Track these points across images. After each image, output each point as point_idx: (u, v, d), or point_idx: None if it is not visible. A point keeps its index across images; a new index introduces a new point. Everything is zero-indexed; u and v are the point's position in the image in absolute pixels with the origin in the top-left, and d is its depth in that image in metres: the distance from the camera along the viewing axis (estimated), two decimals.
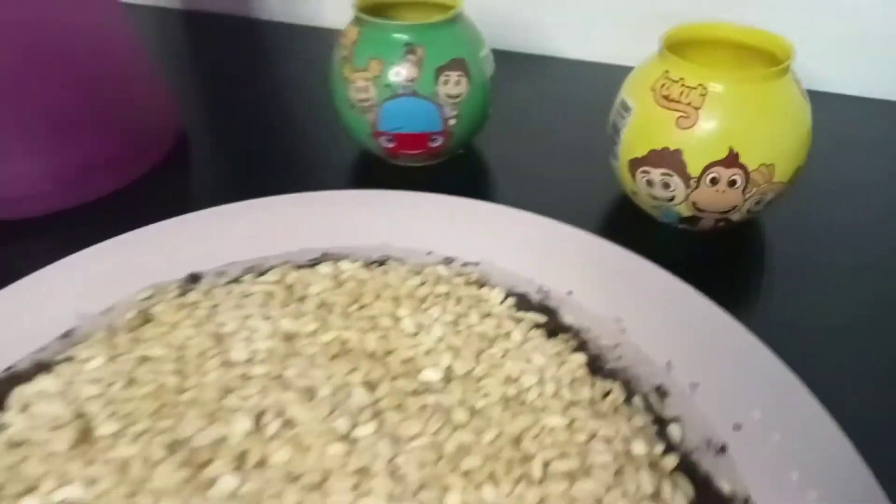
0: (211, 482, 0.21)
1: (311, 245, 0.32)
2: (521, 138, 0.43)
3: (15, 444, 0.23)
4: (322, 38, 0.57)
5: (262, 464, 0.22)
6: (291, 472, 0.22)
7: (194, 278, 0.30)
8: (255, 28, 0.61)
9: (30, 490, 0.22)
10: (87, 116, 0.37)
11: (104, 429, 0.23)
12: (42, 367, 0.27)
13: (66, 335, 0.28)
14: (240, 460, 0.22)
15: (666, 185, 0.32)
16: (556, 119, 0.45)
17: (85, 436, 0.23)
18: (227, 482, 0.21)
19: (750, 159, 0.30)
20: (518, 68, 0.52)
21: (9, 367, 0.27)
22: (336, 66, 0.37)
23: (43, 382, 0.25)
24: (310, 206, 0.33)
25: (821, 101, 0.36)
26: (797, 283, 0.32)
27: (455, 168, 0.40)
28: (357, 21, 0.36)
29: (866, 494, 0.21)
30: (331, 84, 0.38)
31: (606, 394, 0.25)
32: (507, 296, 0.29)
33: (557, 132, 0.44)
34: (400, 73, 0.35)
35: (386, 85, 0.35)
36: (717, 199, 0.32)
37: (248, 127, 0.45)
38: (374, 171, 0.40)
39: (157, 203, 0.38)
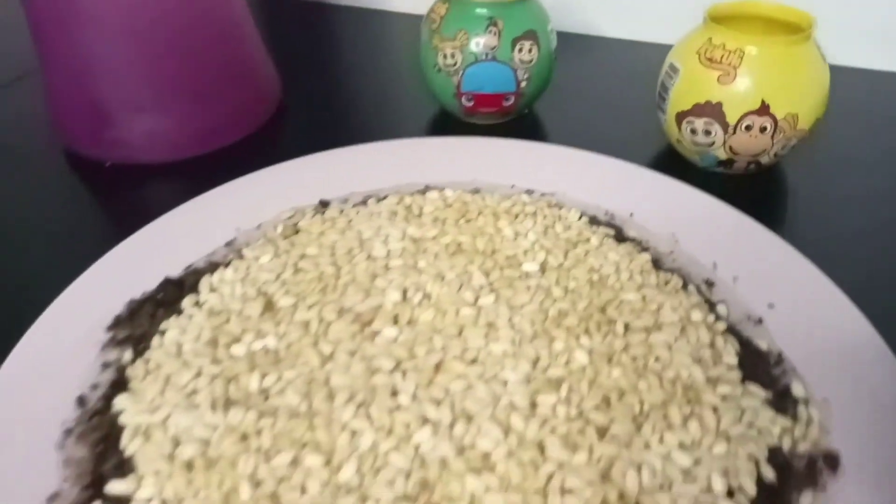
0: (375, 334, 0.28)
1: (415, 180, 0.39)
2: (576, 103, 0.50)
3: (215, 313, 0.30)
4: (385, 21, 0.65)
5: (412, 322, 0.29)
6: (435, 327, 0.29)
7: (324, 204, 0.37)
8: (329, 12, 0.68)
9: (235, 341, 0.29)
10: (215, 83, 0.44)
11: (283, 301, 0.30)
12: (216, 265, 0.34)
13: (229, 244, 0.35)
14: (395, 320, 0.29)
15: (707, 133, 0.39)
16: (604, 88, 0.52)
17: (269, 307, 0.30)
18: (389, 332, 0.28)
19: (778, 109, 0.37)
20: (569, 46, 0.58)
21: (188, 266, 0.34)
22: (425, 36, 0.44)
23: (224, 273, 0.32)
24: (410, 149, 0.40)
25: (839, 73, 0.43)
26: (817, 212, 0.39)
27: (521, 126, 0.47)
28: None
29: (875, 353, 0.27)
30: (420, 52, 0.45)
31: (667, 282, 0.31)
32: (581, 215, 0.35)
33: (606, 98, 0.51)
34: (482, 42, 0.42)
35: (470, 52, 0.42)
36: (750, 143, 0.38)
37: (335, 93, 0.52)
38: (451, 129, 0.47)
39: (266, 153, 0.44)
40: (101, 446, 0.26)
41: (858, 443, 0.25)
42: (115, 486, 0.24)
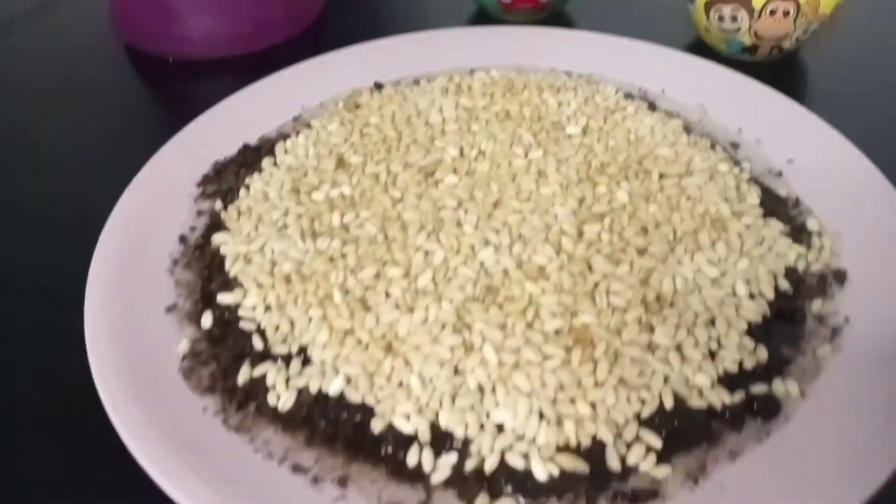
0: (438, 182, 0.32)
1: (460, 65, 0.42)
2: (604, 3, 0.52)
3: (293, 169, 0.34)
4: None
5: (470, 173, 0.33)
6: (491, 175, 0.32)
7: (378, 86, 0.41)
8: None
9: (314, 189, 0.33)
10: None
11: (353, 159, 0.34)
12: (286, 135, 0.37)
13: (296, 119, 0.39)
14: (454, 171, 0.33)
15: (734, 19, 0.42)
16: None
17: (340, 163, 0.34)
18: (450, 180, 0.32)
19: None
20: None
21: (260, 136, 0.38)
22: None
23: (297, 139, 0.36)
24: (455, 37, 0.44)
25: None
26: (835, 89, 0.42)
27: (556, 23, 0.50)
28: None
29: (881, 191, 0.31)
30: None
31: (696, 142, 0.35)
32: (617, 90, 0.39)
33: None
34: None
35: None
36: (774, 27, 0.41)
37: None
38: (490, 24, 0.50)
39: (315, 49, 0.47)
40: (206, 271, 0.30)
41: (864, 263, 0.29)
42: (224, 298, 0.28)
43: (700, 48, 0.46)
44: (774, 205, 0.32)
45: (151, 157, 0.35)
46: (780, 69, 0.45)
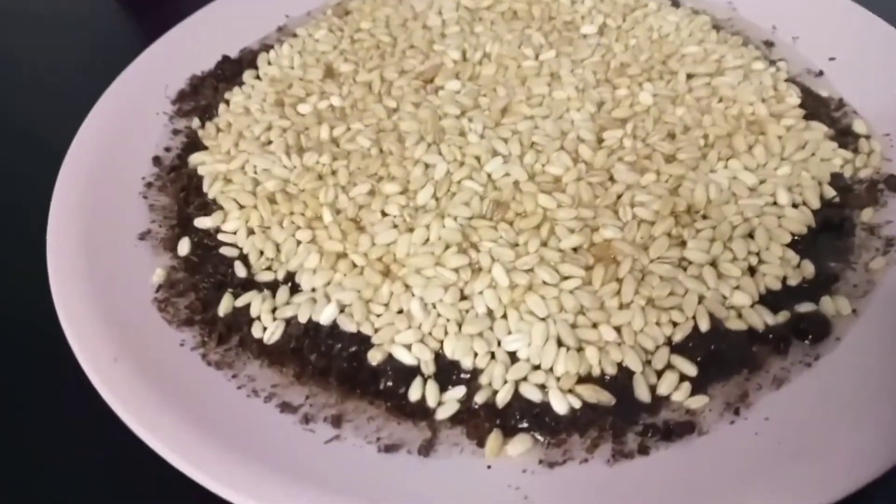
0: (438, 89, 0.29)
1: None
2: None
3: (277, 80, 0.31)
4: None
5: (474, 77, 0.29)
6: (498, 79, 0.29)
7: None
8: None
9: (300, 101, 0.29)
10: None
11: (343, 67, 0.30)
12: (270, 46, 0.34)
13: (281, 29, 0.35)
14: (457, 76, 0.29)
15: None
16: None
17: (329, 73, 0.31)
18: (452, 85, 0.29)
19: None
20: None
21: (243, 48, 0.34)
22: None
23: (281, 49, 0.32)
24: None
25: None
26: None
27: None
28: None
29: None
30: None
31: (727, 40, 0.31)
32: None
33: None
34: None
35: None
36: None
37: None
38: None
39: None
40: (183, 193, 0.27)
41: None
42: (202, 221, 0.25)
43: None
44: (816, 106, 0.28)
45: (122, 72, 0.31)
46: None
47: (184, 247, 0.25)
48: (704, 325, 0.21)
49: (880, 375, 0.20)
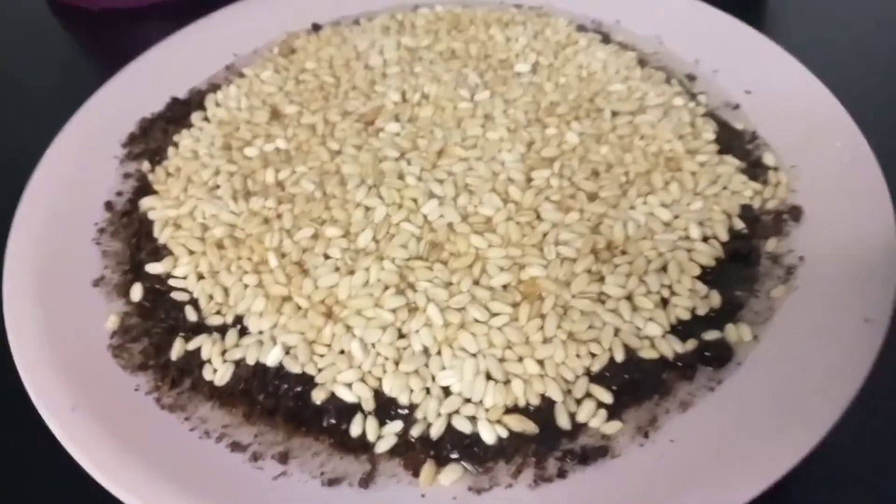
0: (378, 130, 0.30)
1: (404, 1, 0.39)
2: None
3: (224, 123, 0.32)
4: None
5: (413, 119, 0.31)
6: (435, 121, 0.30)
7: (316, 27, 0.38)
8: None
9: (247, 145, 0.31)
10: None
11: (289, 109, 0.32)
12: (217, 86, 0.35)
13: (228, 67, 0.36)
14: (396, 118, 0.31)
15: None
16: None
17: (275, 115, 0.32)
18: (392, 128, 0.30)
19: None
20: None
21: (191, 88, 0.35)
22: None
23: (228, 90, 0.34)
24: None
25: None
26: (805, 10, 0.40)
27: None
28: None
29: (839, 123, 0.29)
30: None
31: (651, 76, 0.33)
32: (569, 22, 0.36)
33: None
34: None
35: None
36: None
37: None
38: None
39: None
40: (134, 239, 0.28)
41: (820, 198, 0.28)
42: (154, 267, 0.27)
43: None
44: (731, 139, 0.30)
45: (73, 116, 0.32)
46: None
47: (136, 292, 0.26)
48: (620, 356, 0.23)
49: (776, 397, 0.22)
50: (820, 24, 0.40)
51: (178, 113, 0.33)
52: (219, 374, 0.24)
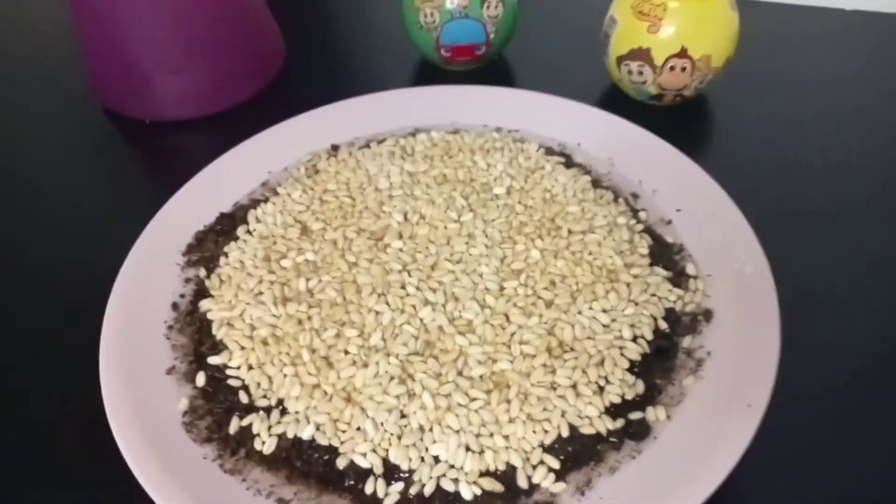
0: (386, 246, 0.39)
1: (406, 124, 0.48)
2: (537, 49, 0.59)
3: (264, 237, 0.40)
4: None
5: (412, 236, 0.39)
6: (430, 239, 0.39)
7: (335, 147, 0.47)
8: None
9: (283, 257, 0.39)
10: (232, 44, 0.53)
11: (315, 226, 0.40)
12: (257, 201, 0.44)
13: (264, 184, 0.45)
14: (399, 235, 0.39)
15: (640, 73, 0.48)
16: (560, 36, 0.60)
17: (304, 231, 0.41)
18: (396, 244, 0.39)
19: (695, 52, 0.46)
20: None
21: (235, 203, 0.44)
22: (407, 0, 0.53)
23: (266, 207, 0.42)
24: (400, 98, 0.50)
25: (757, 9, 0.51)
26: (730, 127, 0.49)
27: (492, 70, 0.56)
28: None
29: (747, 244, 0.38)
30: (403, 13, 0.54)
31: (601, 196, 0.42)
32: (539, 147, 0.45)
33: (561, 44, 0.59)
34: (456, 2, 0.51)
35: (446, 10, 0.51)
36: (674, 80, 0.48)
37: (331, 51, 0.61)
38: (433, 75, 0.56)
39: (277, 105, 0.53)
40: (197, 335, 0.36)
41: (728, 302, 0.36)
42: (213, 359, 0.35)
43: (616, 93, 0.53)
44: (662, 251, 0.39)
45: (141, 233, 0.41)
46: (685, 111, 0.51)
47: (200, 379, 0.34)
48: (566, 432, 0.31)
49: (681, 463, 0.30)
50: (743, 145, 0.49)
51: (226, 226, 0.42)
52: (266, 445, 0.32)
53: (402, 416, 0.32)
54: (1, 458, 0.35)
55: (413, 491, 0.30)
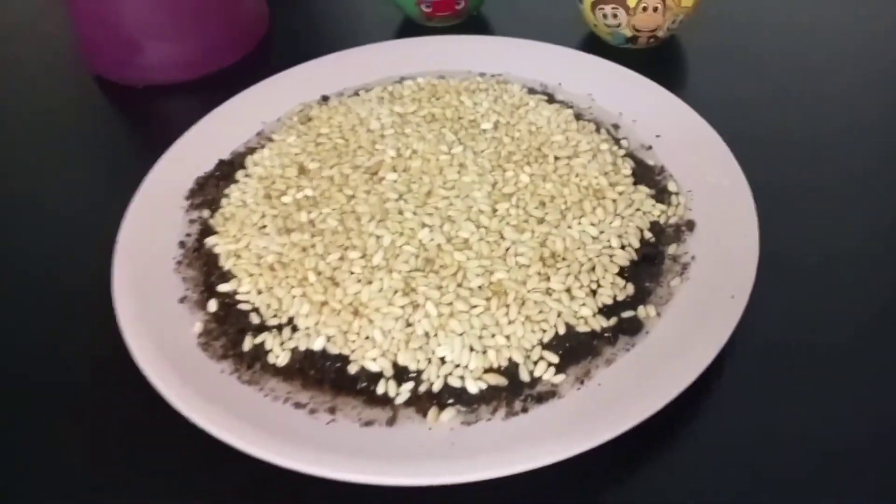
0: (381, 179, 0.41)
1: (392, 74, 0.50)
2: (515, 4, 0.61)
3: (263, 178, 0.42)
4: None
5: (406, 170, 0.41)
6: (423, 170, 0.41)
7: (325, 98, 0.49)
8: None
9: (283, 194, 0.41)
10: (220, 9, 0.54)
11: (312, 165, 0.42)
12: (253, 149, 0.45)
13: (259, 133, 0.46)
14: (394, 169, 0.41)
15: (615, 16, 0.51)
16: None
17: (302, 170, 0.42)
18: (391, 177, 0.40)
19: None
20: None
21: (231, 152, 0.45)
22: None
23: (263, 152, 0.44)
24: (385, 50, 0.52)
25: None
26: (702, 67, 0.51)
27: (472, 25, 0.58)
28: None
29: (724, 159, 0.40)
30: None
31: (584, 127, 0.44)
32: (522, 87, 0.47)
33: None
34: None
35: None
36: (648, 20, 0.50)
37: (314, 11, 0.62)
38: (415, 32, 0.58)
39: (266, 66, 0.54)
40: (205, 268, 0.38)
41: (707, 214, 0.38)
42: (223, 287, 0.36)
43: (593, 39, 0.55)
44: (644, 173, 0.41)
45: (143, 180, 0.42)
46: (659, 53, 0.54)
47: (212, 306, 0.36)
48: (562, 330, 0.33)
49: (672, 352, 0.32)
50: (716, 81, 0.51)
51: (226, 171, 0.43)
52: (280, 358, 0.33)
53: (408, 324, 0.34)
54: (31, 392, 0.36)
55: (422, 389, 0.32)
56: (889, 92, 0.50)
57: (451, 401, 0.31)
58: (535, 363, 0.32)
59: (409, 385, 0.32)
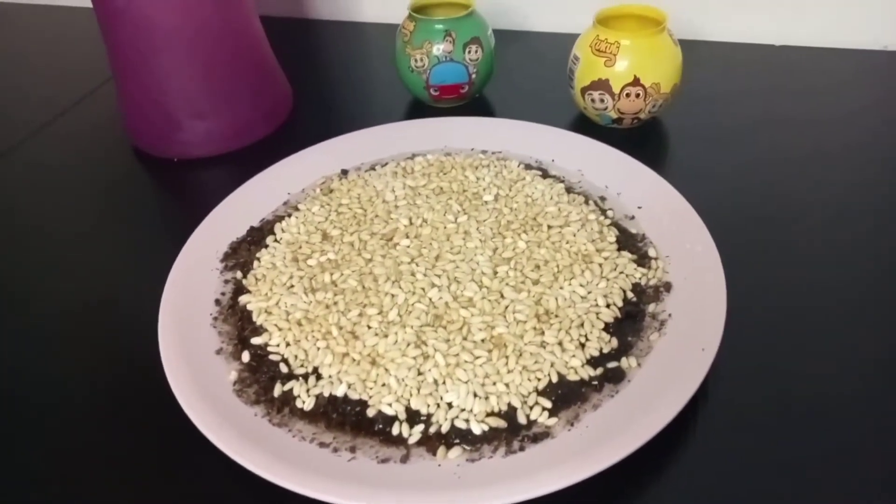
0: (395, 245, 0.46)
1: (404, 151, 0.56)
2: (513, 86, 0.68)
3: (290, 243, 0.47)
4: (359, 30, 0.81)
5: (417, 236, 0.47)
6: (432, 237, 0.46)
7: (345, 172, 0.55)
8: (315, 27, 0.84)
9: (308, 258, 0.46)
10: (250, 90, 0.61)
11: (334, 232, 0.48)
12: (281, 217, 0.51)
13: (286, 203, 0.52)
14: (407, 235, 0.46)
15: (602, 101, 0.57)
16: (532, 72, 0.70)
17: (325, 237, 0.48)
18: (404, 243, 0.46)
19: (646, 80, 0.55)
20: (504, 42, 0.75)
21: (261, 219, 0.51)
22: (399, 46, 0.61)
23: (289, 220, 0.50)
24: (398, 130, 0.58)
25: (700, 46, 0.60)
26: (681, 145, 0.57)
27: (475, 106, 0.64)
28: (412, 18, 0.60)
29: (698, 231, 0.45)
30: (395, 57, 0.62)
31: (574, 199, 0.49)
32: (519, 163, 0.53)
33: (534, 80, 0.68)
34: (441, 48, 0.59)
35: (434, 56, 0.60)
36: (631, 105, 0.57)
37: (333, 93, 0.69)
38: (423, 112, 0.64)
39: (291, 142, 0.60)
40: (239, 323, 0.43)
41: (684, 276, 0.43)
42: (256, 340, 0.41)
43: (583, 119, 0.61)
44: (627, 240, 0.46)
45: (184, 246, 0.47)
46: (642, 133, 0.60)
47: (245, 357, 0.41)
48: (555, 379, 0.38)
49: (650, 398, 0.37)
50: (692, 157, 0.57)
51: (256, 237, 0.49)
52: (306, 403, 0.38)
53: (420, 373, 0.38)
54: (88, 435, 0.40)
55: (432, 430, 0.36)
56: (850, 162, 0.56)
57: (457, 440, 0.36)
58: (531, 408, 0.37)
59: (421, 427, 0.36)
